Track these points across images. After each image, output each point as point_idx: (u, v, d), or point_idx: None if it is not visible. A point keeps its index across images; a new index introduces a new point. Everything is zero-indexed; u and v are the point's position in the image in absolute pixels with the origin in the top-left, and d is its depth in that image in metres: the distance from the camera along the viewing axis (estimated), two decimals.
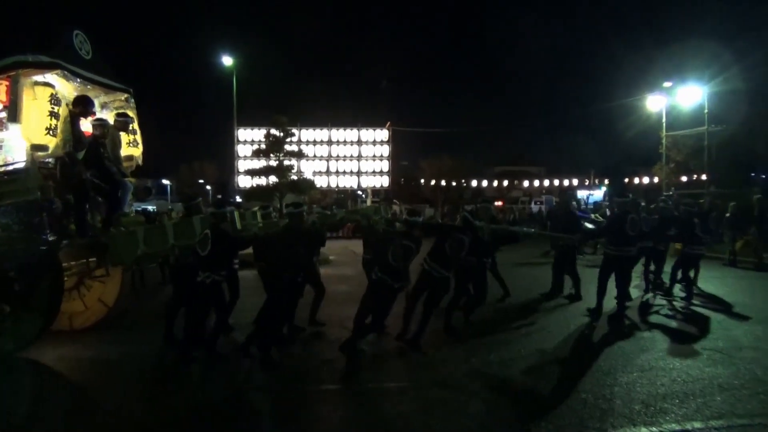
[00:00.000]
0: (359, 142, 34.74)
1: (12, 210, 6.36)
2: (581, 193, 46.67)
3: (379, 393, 5.33)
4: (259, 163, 29.87)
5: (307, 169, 33.31)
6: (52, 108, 6.57)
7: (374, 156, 34.94)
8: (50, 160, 6.85)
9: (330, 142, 34.53)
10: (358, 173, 34.87)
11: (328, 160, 34.54)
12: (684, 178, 31.65)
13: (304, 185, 28.60)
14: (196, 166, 50.99)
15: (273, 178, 28.00)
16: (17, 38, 6.88)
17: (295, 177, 29.27)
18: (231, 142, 33.20)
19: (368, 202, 34.31)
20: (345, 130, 34.72)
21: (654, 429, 4.33)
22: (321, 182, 33.55)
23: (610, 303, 8.49)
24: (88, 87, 7.47)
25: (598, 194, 44.77)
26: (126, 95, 8.19)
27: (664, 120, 22.62)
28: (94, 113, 7.48)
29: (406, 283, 6.45)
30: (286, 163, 28.63)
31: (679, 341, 6.92)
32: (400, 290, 6.42)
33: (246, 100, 61.46)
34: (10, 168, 6.78)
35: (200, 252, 5.99)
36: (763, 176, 30.12)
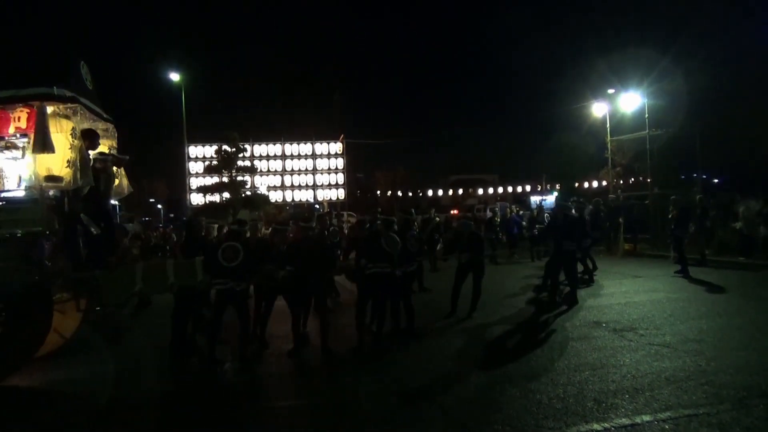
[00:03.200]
0: (314, 156, 34.59)
1: (12, 241, 6.14)
2: (534, 199, 47.69)
3: (335, 405, 5.31)
4: (212, 180, 29.38)
5: (262, 184, 32.93)
6: (72, 141, 6.56)
7: (329, 169, 34.86)
8: (56, 192, 6.69)
9: (284, 157, 34.25)
10: (314, 186, 34.69)
11: (282, 175, 34.24)
12: (632, 180, 32.80)
13: (259, 200, 28.27)
14: (145, 185, 49.66)
15: (226, 195, 27.58)
16: (34, 68, 6.92)
17: (248, 192, 28.90)
18: (182, 159, 32.52)
19: None
20: (299, 144, 34.53)
21: (606, 425, 4.44)
22: (276, 197, 33.23)
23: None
24: (87, 118, 7.27)
25: (551, 199, 45.79)
26: (110, 125, 8.01)
27: (608, 125, 23.40)
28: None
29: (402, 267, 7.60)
30: (239, 178, 28.25)
31: (629, 338, 7.12)
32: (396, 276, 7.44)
33: (196, 116, 60.45)
34: (9, 196, 6.70)
35: (226, 264, 6.66)
36: (704, 176, 31.51)
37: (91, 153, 7.12)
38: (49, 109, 6.49)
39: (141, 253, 10.30)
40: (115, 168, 7.80)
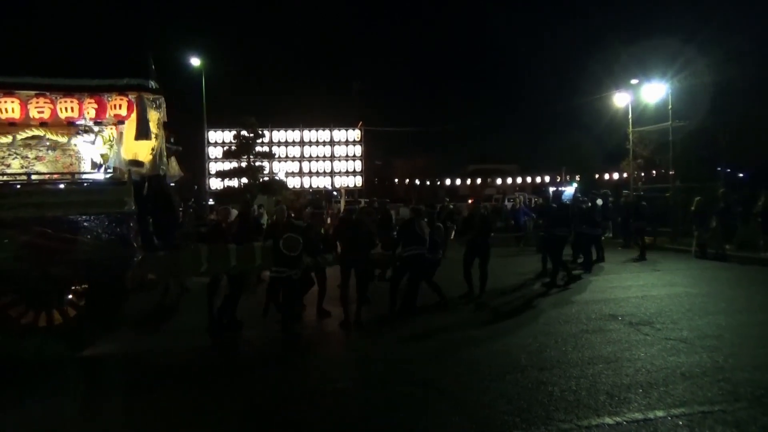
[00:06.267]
0: (332, 143, 34.51)
1: (107, 221, 6.40)
2: (552, 190, 47.18)
3: (344, 391, 5.32)
4: (230, 165, 29.53)
5: (280, 170, 32.99)
6: (158, 131, 7.08)
7: (347, 156, 34.75)
8: (136, 177, 7.01)
9: (302, 143, 34.23)
10: (332, 173, 34.62)
11: (300, 161, 34.23)
12: (654, 173, 32.22)
13: (276, 186, 28.35)
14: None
15: (244, 180, 27.71)
16: (124, 59, 7.42)
17: (266, 178, 29.00)
18: (201, 143, 32.69)
19: (342, 202, 34.17)
20: (317, 130, 34.46)
21: (618, 419, 4.38)
22: (294, 183, 33.27)
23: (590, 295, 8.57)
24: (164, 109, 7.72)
25: (570, 190, 45.27)
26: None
27: (630, 116, 22.99)
28: None
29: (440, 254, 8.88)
30: (257, 164, 28.35)
31: (645, 332, 7.02)
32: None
33: (216, 100, 60.55)
34: (93, 178, 7.19)
35: (288, 253, 7.09)
36: (728, 170, 30.82)
37: None
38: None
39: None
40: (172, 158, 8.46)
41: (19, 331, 6.44)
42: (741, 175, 34.10)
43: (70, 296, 6.83)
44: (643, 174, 31.08)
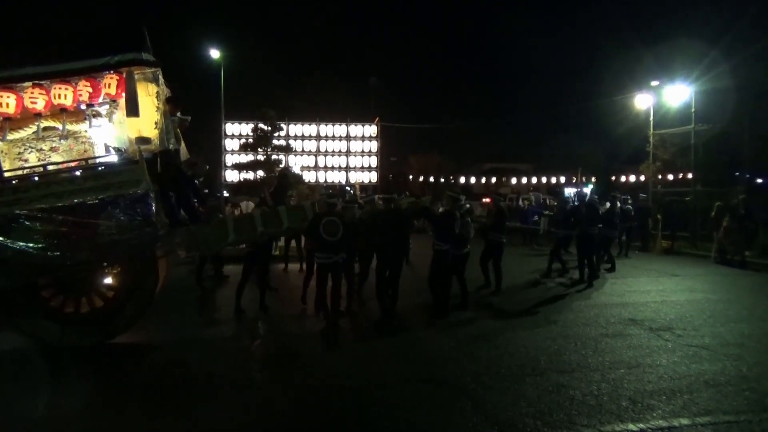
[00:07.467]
0: (348, 138, 34.57)
1: (126, 201, 6.37)
2: (569, 191, 46.81)
3: (363, 388, 5.30)
4: (247, 158, 29.65)
5: (296, 163, 33.09)
6: (157, 104, 6.95)
7: (363, 151, 34.83)
8: (148, 154, 6.96)
9: (318, 137, 34.32)
10: (347, 168, 34.72)
11: (316, 156, 34.36)
12: (671, 177, 31.78)
13: (292, 180, 28.43)
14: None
15: (260, 173, 27.81)
16: (117, 36, 7.27)
17: None
18: (218, 136, 32.87)
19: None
20: (333, 125, 34.54)
21: (641, 425, 4.33)
22: (309, 177, 33.36)
23: (605, 297, 8.49)
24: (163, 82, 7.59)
25: (586, 192, 44.81)
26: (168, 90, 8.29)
27: (651, 119, 22.67)
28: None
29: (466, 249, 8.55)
30: (274, 157, 28.45)
31: (665, 338, 6.93)
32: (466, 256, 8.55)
33: (234, 93, 60.66)
34: (108, 161, 7.14)
35: (329, 238, 7.13)
36: (748, 176, 30.26)
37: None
38: (139, 74, 6.78)
39: None
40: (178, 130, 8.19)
41: (57, 319, 6.58)
42: (760, 180, 33.47)
43: (104, 281, 6.90)
44: (660, 177, 30.67)
